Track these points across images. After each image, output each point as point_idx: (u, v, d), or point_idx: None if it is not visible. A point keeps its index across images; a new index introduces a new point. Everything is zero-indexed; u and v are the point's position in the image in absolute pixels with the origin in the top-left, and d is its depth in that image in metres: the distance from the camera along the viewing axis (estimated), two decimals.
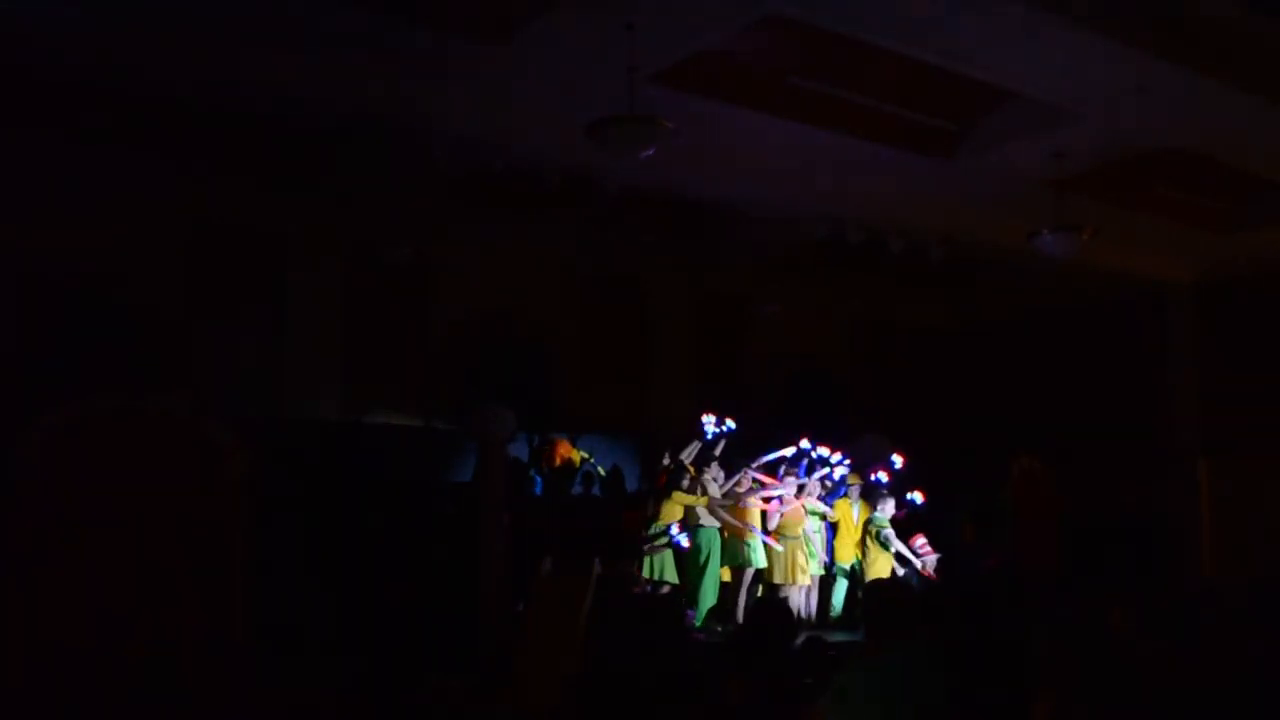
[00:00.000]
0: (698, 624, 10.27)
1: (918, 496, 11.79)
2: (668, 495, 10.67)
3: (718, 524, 10.64)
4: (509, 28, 8.15)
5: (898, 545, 11.34)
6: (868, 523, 11.51)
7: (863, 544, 11.52)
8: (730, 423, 11.41)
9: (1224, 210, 12.69)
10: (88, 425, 7.63)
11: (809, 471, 11.41)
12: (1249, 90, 9.14)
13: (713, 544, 10.60)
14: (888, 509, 11.49)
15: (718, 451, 11.21)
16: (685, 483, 10.68)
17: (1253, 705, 4.34)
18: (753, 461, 11.08)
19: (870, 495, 11.66)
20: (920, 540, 11.52)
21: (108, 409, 7.72)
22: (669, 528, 10.45)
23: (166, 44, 7.94)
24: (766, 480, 11.02)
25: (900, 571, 11.27)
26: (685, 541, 10.43)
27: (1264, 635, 4.82)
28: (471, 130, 9.50)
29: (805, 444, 11.48)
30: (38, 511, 7.36)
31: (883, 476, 11.74)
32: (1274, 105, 9.37)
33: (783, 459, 11.34)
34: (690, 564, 10.56)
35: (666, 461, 11.18)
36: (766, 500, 10.92)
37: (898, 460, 11.97)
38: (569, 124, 8.49)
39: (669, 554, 10.44)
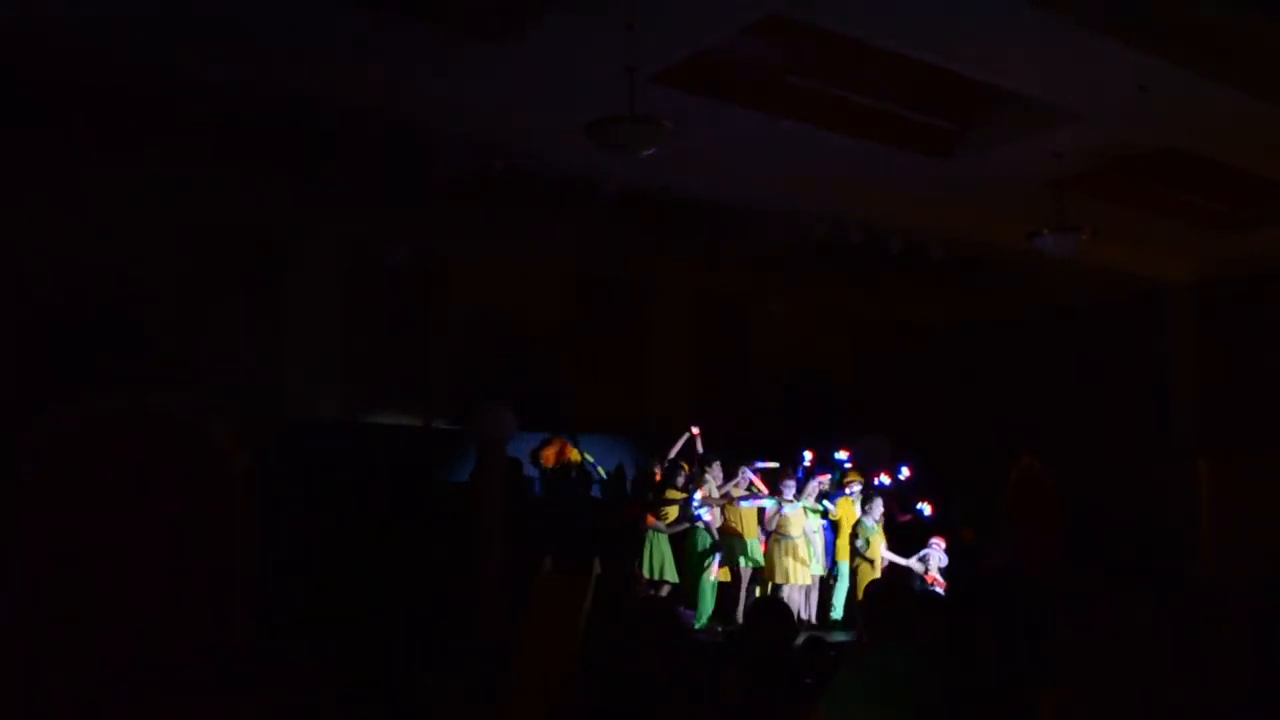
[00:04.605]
0: (698, 624, 10.26)
1: (925, 508, 11.49)
2: (662, 493, 10.65)
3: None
4: (509, 27, 8.16)
5: (887, 555, 10.98)
6: (855, 526, 11.11)
7: (851, 551, 11.11)
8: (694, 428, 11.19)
9: (1224, 210, 12.69)
10: (88, 425, 7.63)
11: (808, 475, 11.32)
12: (1249, 90, 9.14)
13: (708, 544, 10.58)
14: (875, 512, 11.05)
15: (699, 448, 11.13)
16: (680, 481, 10.65)
17: (1254, 702, 4.34)
18: (751, 465, 11.02)
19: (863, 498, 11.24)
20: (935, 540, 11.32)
21: (108, 409, 7.72)
22: (690, 499, 10.40)
23: (166, 44, 7.95)
24: (762, 487, 10.94)
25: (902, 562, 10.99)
26: (707, 515, 10.39)
27: (1265, 633, 4.82)
28: (471, 130, 9.50)
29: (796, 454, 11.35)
30: (38, 511, 7.36)
31: (884, 479, 11.63)
32: (1274, 105, 9.37)
33: (773, 470, 11.18)
34: (689, 564, 10.55)
35: (658, 466, 11.09)
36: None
37: (905, 471, 11.81)
38: (569, 124, 8.49)
39: (669, 554, 10.41)
